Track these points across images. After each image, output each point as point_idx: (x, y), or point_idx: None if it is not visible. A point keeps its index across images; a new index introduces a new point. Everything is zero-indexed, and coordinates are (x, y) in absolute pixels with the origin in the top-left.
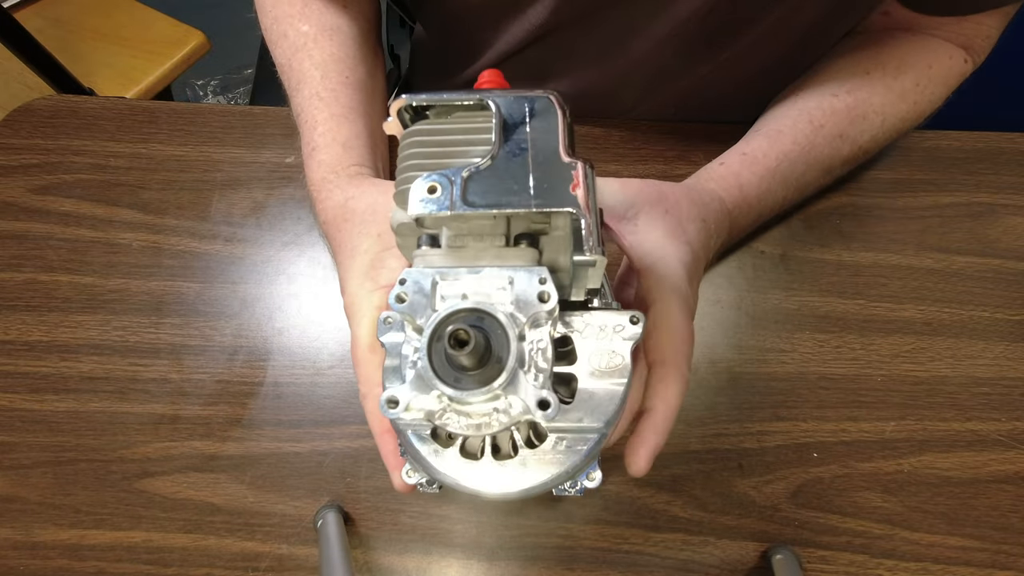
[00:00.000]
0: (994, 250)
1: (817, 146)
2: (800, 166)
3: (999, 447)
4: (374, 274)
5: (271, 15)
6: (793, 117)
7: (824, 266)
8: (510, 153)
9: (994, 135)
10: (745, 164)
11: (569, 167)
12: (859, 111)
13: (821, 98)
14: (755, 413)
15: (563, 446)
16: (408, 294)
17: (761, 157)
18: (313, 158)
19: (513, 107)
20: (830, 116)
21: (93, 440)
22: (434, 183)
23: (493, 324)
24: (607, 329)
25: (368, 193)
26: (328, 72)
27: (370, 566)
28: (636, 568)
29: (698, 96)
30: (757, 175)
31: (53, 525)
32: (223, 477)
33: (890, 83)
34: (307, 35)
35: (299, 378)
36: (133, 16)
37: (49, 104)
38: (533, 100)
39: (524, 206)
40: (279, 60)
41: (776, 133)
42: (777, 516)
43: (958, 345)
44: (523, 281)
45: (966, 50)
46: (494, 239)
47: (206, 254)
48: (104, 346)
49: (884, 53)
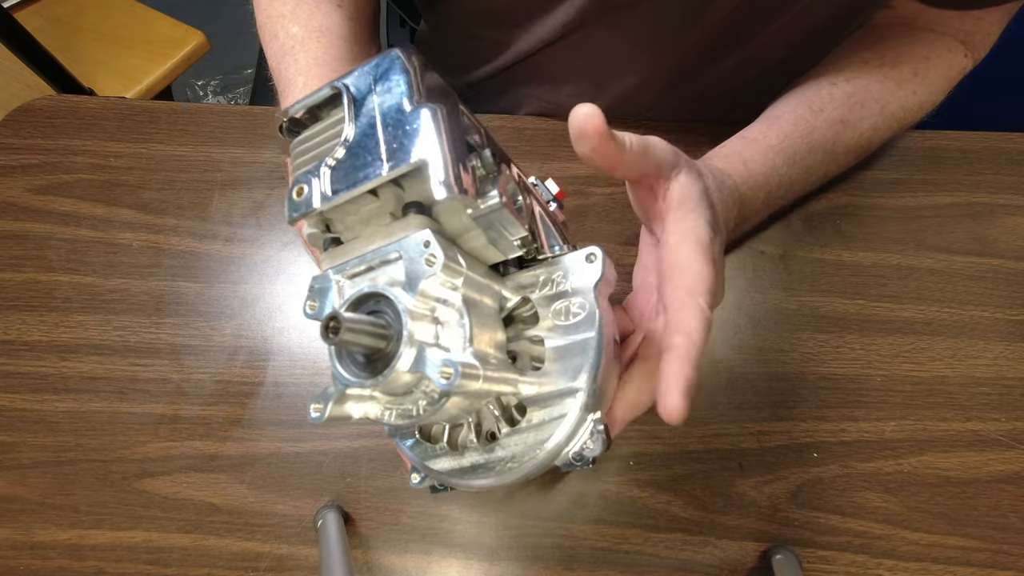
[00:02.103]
0: (994, 250)
1: (818, 128)
2: (803, 147)
3: (999, 447)
4: None
5: (265, 14)
6: (791, 104)
7: (824, 266)
8: (362, 129)
9: (994, 135)
10: (746, 144)
11: (413, 117)
12: (857, 98)
13: (819, 86)
14: (755, 413)
15: (544, 416)
16: (316, 303)
17: (761, 138)
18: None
19: (360, 81)
20: (828, 102)
21: (93, 440)
22: (300, 185)
23: (389, 304)
24: (565, 277)
25: None
26: (310, 80)
27: (370, 566)
28: (636, 568)
29: (715, 92)
30: (760, 152)
31: (53, 525)
32: (223, 477)
33: (888, 71)
34: (295, 37)
35: (299, 378)
36: (133, 16)
37: (49, 104)
38: (377, 66)
39: (377, 176)
40: (270, 63)
41: (775, 118)
42: (777, 516)
43: (958, 345)
44: (410, 250)
45: (966, 46)
46: (382, 219)
47: (206, 254)
48: (104, 346)
49: (882, 44)
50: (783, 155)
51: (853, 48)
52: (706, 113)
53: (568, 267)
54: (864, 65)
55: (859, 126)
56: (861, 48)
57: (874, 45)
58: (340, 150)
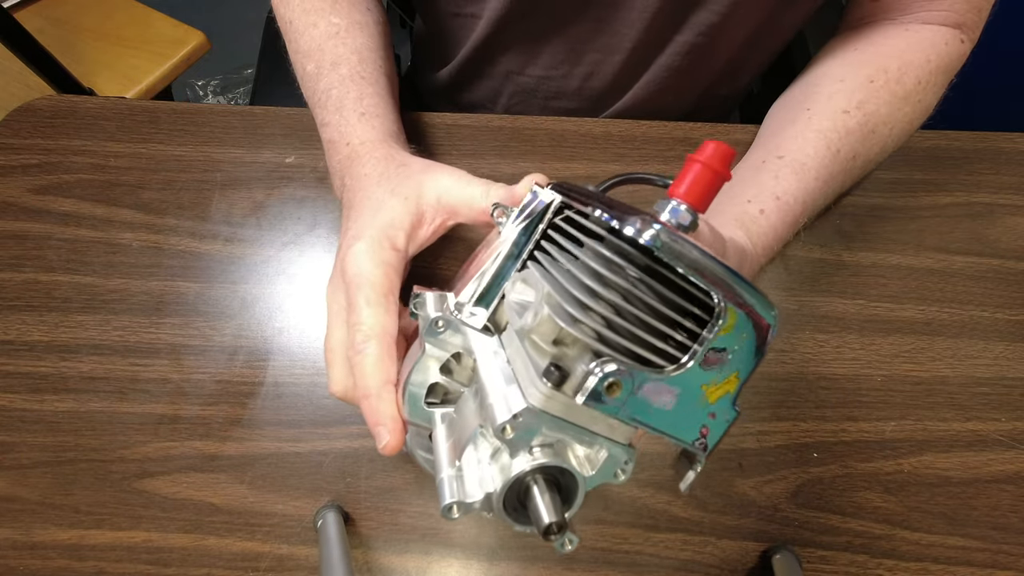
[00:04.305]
0: (994, 250)
1: (835, 175)
2: (820, 200)
3: (999, 447)
4: (386, 241)
5: (300, 8)
6: (814, 143)
7: (824, 266)
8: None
9: (994, 135)
10: (782, 213)
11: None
12: (869, 126)
13: (835, 117)
14: (755, 413)
15: None
16: (514, 428)
17: (792, 203)
18: (366, 122)
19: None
20: (844, 137)
21: (93, 440)
22: (616, 380)
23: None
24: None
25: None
26: (364, 60)
27: (370, 566)
28: (636, 568)
29: (687, 71)
30: (788, 225)
31: (53, 525)
32: (223, 477)
33: (894, 88)
34: (339, 26)
35: (299, 378)
36: (133, 16)
37: (49, 104)
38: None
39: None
40: (307, 46)
41: (801, 167)
42: (777, 516)
43: (958, 345)
44: (612, 452)
45: (960, 29)
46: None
47: (206, 254)
48: (104, 346)
49: (883, 56)
50: (803, 219)
51: (855, 64)
52: (684, 94)
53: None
54: (870, 86)
55: (870, 154)
56: (863, 64)
57: (875, 59)
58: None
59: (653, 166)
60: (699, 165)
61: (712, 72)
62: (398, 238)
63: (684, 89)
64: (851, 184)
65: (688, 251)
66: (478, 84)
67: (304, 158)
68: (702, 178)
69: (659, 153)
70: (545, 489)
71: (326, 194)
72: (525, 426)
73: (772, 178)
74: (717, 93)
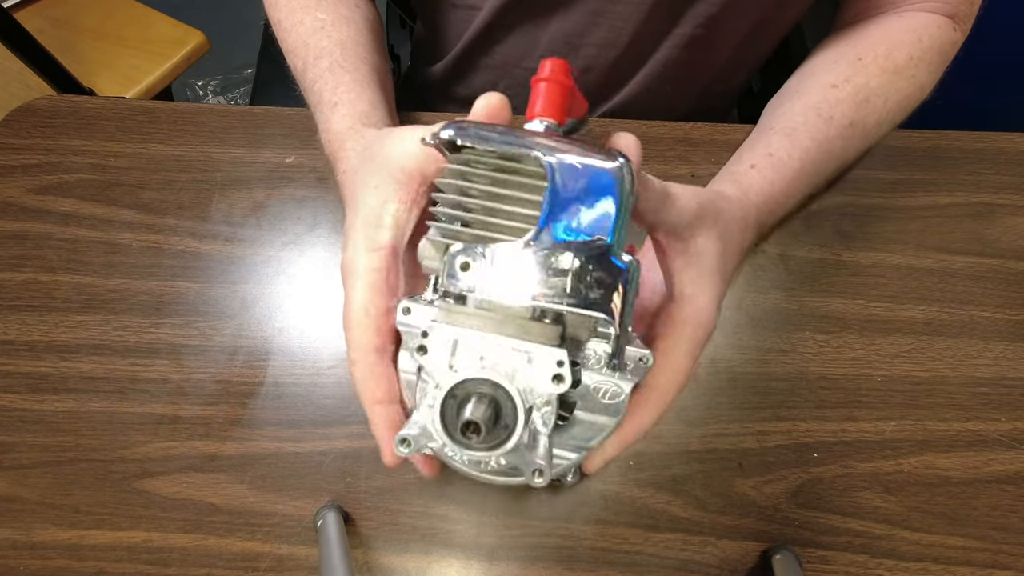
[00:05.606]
0: (994, 250)
1: (831, 139)
2: (821, 163)
3: (999, 447)
4: (372, 232)
5: (286, 7)
6: (803, 113)
7: (824, 266)
8: (554, 235)
9: (994, 135)
10: (776, 168)
11: (615, 272)
12: (861, 96)
13: (823, 90)
14: (755, 413)
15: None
16: (430, 348)
17: (787, 159)
18: (336, 112)
19: (568, 177)
20: (835, 106)
21: (93, 440)
22: (467, 260)
23: (505, 397)
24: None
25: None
26: (347, 50)
27: (370, 566)
28: (636, 568)
29: (685, 64)
30: (786, 179)
31: (53, 525)
32: (223, 477)
33: (883, 64)
34: (324, 20)
35: (299, 378)
36: (133, 16)
37: (49, 104)
38: (595, 174)
39: (555, 302)
40: (293, 43)
41: (791, 131)
42: (777, 516)
43: (958, 345)
44: (541, 360)
45: (953, 19)
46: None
47: (206, 254)
48: (104, 346)
49: (872, 37)
50: (804, 177)
51: (843, 47)
52: (685, 87)
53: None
54: (859, 63)
55: (867, 125)
56: (851, 45)
57: (863, 42)
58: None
59: (653, 166)
60: (544, 83)
61: (710, 66)
62: (380, 236)
63: (682, 84)
64: (854, 155)
65: (487, 132)
66: (474, 77)
67: (304, 158)
68: (550, 92)
69: (659, 153)
70: (480, 404)
71: (326, 194)
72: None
73: (764, 144)
74: (715, 88)
